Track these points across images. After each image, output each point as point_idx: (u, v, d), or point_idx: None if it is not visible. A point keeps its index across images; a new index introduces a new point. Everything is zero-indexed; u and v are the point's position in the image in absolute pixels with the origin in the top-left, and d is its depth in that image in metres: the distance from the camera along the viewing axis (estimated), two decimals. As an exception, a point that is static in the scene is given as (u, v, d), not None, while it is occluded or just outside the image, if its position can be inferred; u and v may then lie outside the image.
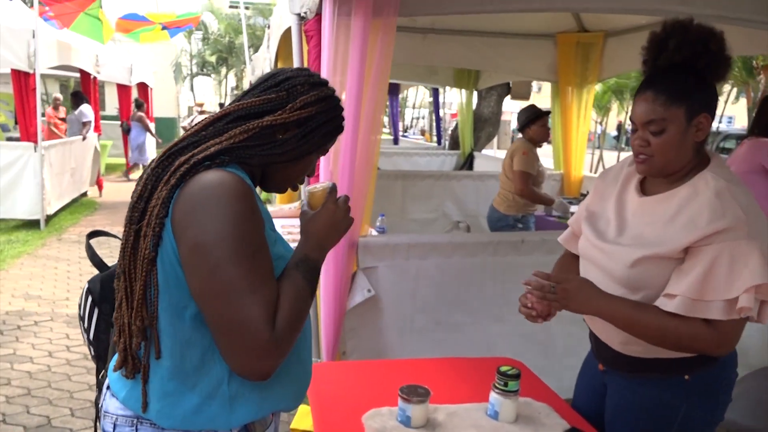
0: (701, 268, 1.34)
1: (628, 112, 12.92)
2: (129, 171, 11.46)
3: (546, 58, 5.21)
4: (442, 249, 2.73)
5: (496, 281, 2.76)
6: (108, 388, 1.20)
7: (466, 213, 5.76)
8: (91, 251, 1.42)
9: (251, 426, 1.17)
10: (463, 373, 1.84)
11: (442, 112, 11.69)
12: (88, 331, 1.35)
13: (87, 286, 1.36)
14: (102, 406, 1.20)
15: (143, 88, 11.57)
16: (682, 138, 1.41)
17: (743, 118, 20.69)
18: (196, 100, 20.11)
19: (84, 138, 8.49)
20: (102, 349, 1.35)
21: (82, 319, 1.36)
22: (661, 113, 1.39)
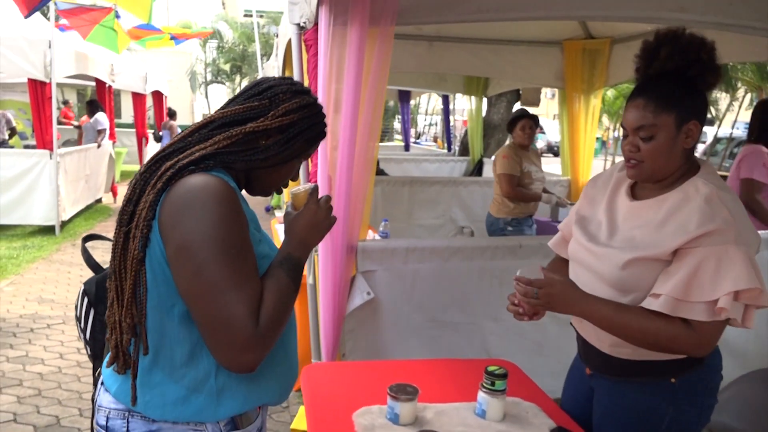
0: (687, 269, 1.36)
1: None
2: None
3: (553, 64, 5.22)
4: (440, 253, 2.76)
5: (493, 284, 2.78)
6: (102, 383, 1.25)
7: (473, 218, 5.77)
8: (86, 254, 1.48)
9: (238, 419, 1.22)
10: (454, 374, 1.87)
11: (453, 119, 11.69)
12: (84, 331, 1.40)
13: (83, 288, 1.41)
14: (96, 401, 1.25)
15: (158, 96, 11.73)
16: (672, 144, 1.43)
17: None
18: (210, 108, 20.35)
19: (99, 145, 8.63)
20: (98, 349, 1.40)
21: (79, 319, 1.41)
22: (651, 120, 1.42)
